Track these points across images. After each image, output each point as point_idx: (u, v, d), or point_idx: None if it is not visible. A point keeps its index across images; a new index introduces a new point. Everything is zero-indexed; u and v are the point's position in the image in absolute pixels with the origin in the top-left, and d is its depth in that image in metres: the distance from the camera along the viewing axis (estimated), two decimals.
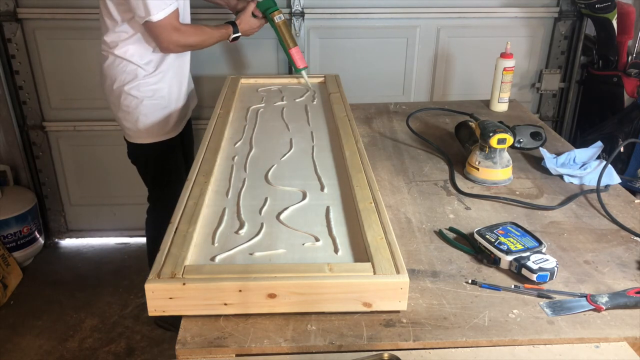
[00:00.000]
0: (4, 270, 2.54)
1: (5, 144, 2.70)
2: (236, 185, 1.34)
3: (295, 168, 1.43)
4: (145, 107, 1.95)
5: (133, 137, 2.02)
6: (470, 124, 1.70)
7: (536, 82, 2.75)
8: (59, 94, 2.66)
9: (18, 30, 2.50)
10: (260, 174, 1.40)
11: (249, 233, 1.15)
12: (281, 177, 1.38)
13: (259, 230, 1.15)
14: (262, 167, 1.43)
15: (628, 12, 2.41)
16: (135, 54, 1.90)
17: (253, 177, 1.38)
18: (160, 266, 1.00)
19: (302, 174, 1.40)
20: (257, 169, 1.43)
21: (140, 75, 1.92)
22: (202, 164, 1.40)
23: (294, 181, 1.36)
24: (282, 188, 1.33)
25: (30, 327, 2.39)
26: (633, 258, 1.20)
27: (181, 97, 2.07)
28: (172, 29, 1.84)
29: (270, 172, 1.40)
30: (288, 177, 1.38)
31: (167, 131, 2.03)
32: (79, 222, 2.98)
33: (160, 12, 1.78)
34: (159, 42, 1.86)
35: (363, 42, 2.61)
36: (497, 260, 1.15)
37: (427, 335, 0.97)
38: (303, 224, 1.18)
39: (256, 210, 1.23)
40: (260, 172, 1.41)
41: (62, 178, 2.85)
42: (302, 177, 1.38)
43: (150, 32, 1.85)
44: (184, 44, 1.91)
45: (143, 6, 1.76)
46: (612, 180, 1.50)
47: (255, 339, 0.95)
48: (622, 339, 0.98)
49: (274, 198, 1.28)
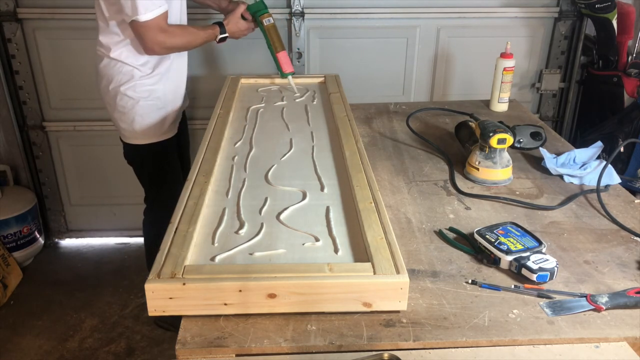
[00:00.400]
0: (4, 270, 2.55)
1: (5, 144, 2.70)
2: (236, 185, 1.34)
3: (295, 168, 1.43)
4: (141, 108, 1.94)
5: (129, 138, 2.02)
6: (470, 124, 1.70)
7: (536, 82, 2.75)
8: (59, 94, 2.66)
9: (18, 30, 2.50)
10: (260, 174, 1.40)
11: (249, 233, 1.15)
12: (281, 177, 1.38)
13: (259, 230, 1.15)
14: (262, 167, 1.43)
15: (628, 12, 2.41)
16: (130, 55, 1.89)
17: (253, 177, 1.38)
18: (160, 266, 1.00)
19: (302, 174, 1.40)
20: (257, 169, 1.43)
21: (136, 76, 1.91)
22: (202, 164, 1.40)
23: (294, 181, 1.36)
24: (282, 188, 1.33)
25: (30, 327, 2.38)
26: (633, 258, 1.20)
27: (178, 98, 2.06)
28: (159, 30, 1.80)
29: (270, 172, 1.40)
30: (288, 177, 1.38)
31: (163, 132, 2.02)
32: (79, 222, 2.98)
33: (148, 12, 1.75)
34: (144, 42, 1.83)
35: (363, 42, 2.62)
36: (497, 260, 1.15)
37: (427, 335, 0.97)
38: (303, 224, 1.18)
39: (256, 210, 1.23)
40: (260, 172, 1.41)
41: (62, 178, 2.85)
42: (302, 177, 1.38)
43: (136, 32, 1.82)
44: (169, 45, 1.88)
45: (131, 5, 1.74)
46: (612, 180, 1.50)
47: (255, 339, 0.95)
48: (622, 339, 0.98)
49: (274, 198, 1.28)
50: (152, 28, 1.79)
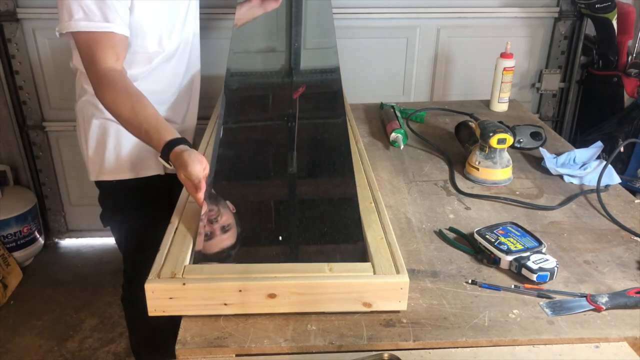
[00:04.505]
0: (4, 270, 2.55)
1: (5, 144, 2.70)
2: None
3: None
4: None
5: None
6: (470, 124, 1.70)
7: (536, 82, 2.75)
8: (59, 94, 2.66)
9: (18, 30, 2.50)
10: None
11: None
12: None
13: None
14: None
15: (628, 12, 2.41)
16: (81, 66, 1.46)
17: None
18: (160, 266, 1.00)
19: None
20: None
21: (90, 91, 1.51)
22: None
23: None
24: None
25: (30, 327, 2.38)
26: (633, 258, 1.20)
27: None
28: (90, 60, 1.33)
29: None
30: None
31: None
32: (79, 222, 2.98)
33: (73, 22, 1.31)
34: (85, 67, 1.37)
35: (363, 42, 2.61)
36: (497, 260, 1.16)
37: (427, 335, 0.97)
38: None
39: None
40: None
41: (62, 178, 2.84)
42: None
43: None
44: (98, 95, 1.35)
45: (60, 12, 1.34)
46: (612, 180, 1.50)
47: (255, 339, 0.95)
48: (622, 339, 0.98)
49: None
50: (83, 50, 1.35)
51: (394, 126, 1.75)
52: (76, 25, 1.32)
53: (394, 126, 1.75)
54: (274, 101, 1.60)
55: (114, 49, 1.34)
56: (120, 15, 1.35)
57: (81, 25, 1.32)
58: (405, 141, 1.72)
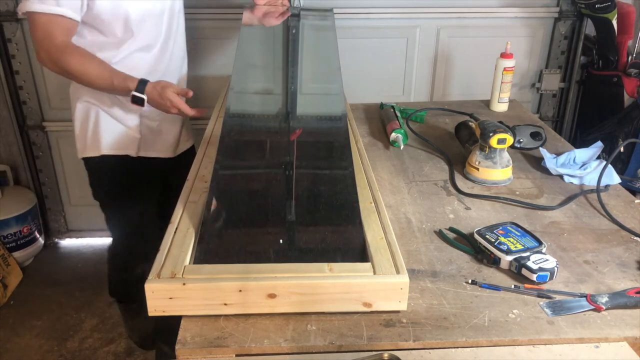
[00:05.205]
0: (4, 270, 2.55)
1: (5, 144, 2.70)
2: None
3: None
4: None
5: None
6: (470, 124, 1.70)
7: (536, 82, 2.75)
8: (59, 94, 2.65)
9: (18, 30, 2.50)
10: None
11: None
12: None
13: None
14: None
15: (628, 12, 2.41)
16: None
17: None
18: (160, 266, 1.00)
19: None
20: None
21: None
22: (202, 164, 1.40)
23: None
24: None
25: (30, 327, 2.38)
26: (633, 258, 1.20)
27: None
28: (45, 36, 1.51)
29: None
30: None
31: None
32: (79, 222, 2.98)
33: (29, 3, 1.49)
34: (34, 44, 1.56)
35: (363, 42, 2.61)
36: (497, 260, 1.16)
37: (427, 335, 0.97)
38: None
39: None
40: None
41: (62, 178, 2.84)
42: None
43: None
44: (62, 63, 1.54)
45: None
46: (612, 180, 1.50)
47: (255, 339, 0.95)
48: (622, 339, 0.98)
49: None
50: (39, 29, 1.52)
51: (394, 126, 1.75)
52: (31, 5, 1.49)
53: (394, 126, 1.75)
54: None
55: (65, 29, 1.53)
56: (70, 1, 1.51)
57: (35, 7, 1.49)
58: (405, 141, 1.72)
